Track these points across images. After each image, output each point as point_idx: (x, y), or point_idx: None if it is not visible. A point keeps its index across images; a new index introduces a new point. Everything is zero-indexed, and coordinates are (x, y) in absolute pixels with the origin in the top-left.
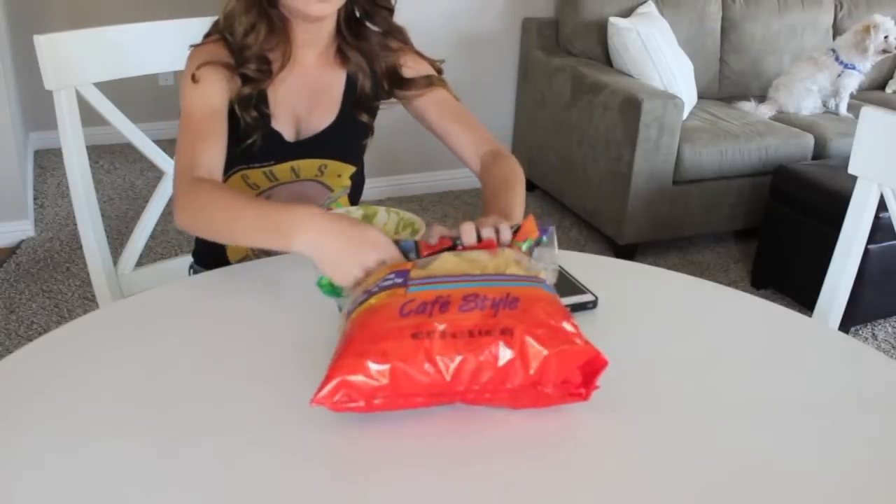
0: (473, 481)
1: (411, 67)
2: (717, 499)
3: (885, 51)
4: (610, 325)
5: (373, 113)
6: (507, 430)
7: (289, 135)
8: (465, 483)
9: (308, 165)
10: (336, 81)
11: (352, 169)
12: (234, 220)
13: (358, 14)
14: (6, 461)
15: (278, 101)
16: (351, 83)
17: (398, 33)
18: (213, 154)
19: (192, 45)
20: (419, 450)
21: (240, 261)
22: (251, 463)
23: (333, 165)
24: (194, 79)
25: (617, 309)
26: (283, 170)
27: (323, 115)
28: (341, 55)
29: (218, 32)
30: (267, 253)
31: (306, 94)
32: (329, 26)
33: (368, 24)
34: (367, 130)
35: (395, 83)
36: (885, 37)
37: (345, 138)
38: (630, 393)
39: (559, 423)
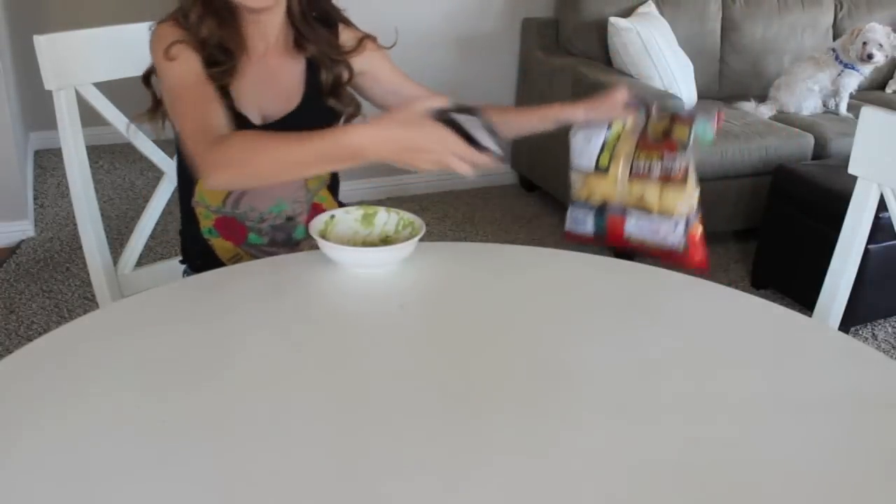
0: (473, 481)
1: (348, 38)
2: (717, 499)
3: (870, 56)
4: (610, 325)
5: (340, 97)
6: (507, 430)
7: (255, 119)
8: (465, 483)
9: None
10: (295, 69)
11: None
12: (286, 160)
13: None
14: (6, 461)
15: (239, 92)
16: (312, 68)
17: (335, 12)
18: (220, 114)
19: (151, 26)
20: (419, 450)
21: (231, 259)
22: (251, 463)
23: None
24: (169, 56)
25: (617, 309)
26: None
27: (285, 102)
28: (298, 44)
29: (175, 19)
30: (261, 253)
31: (265, 82)
32: (278, 16)
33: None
34: (336, 116)
35: (334, 52)
36: (864, 43)
37: (310, 124)
38: (630, 393)
39: (559, 423)
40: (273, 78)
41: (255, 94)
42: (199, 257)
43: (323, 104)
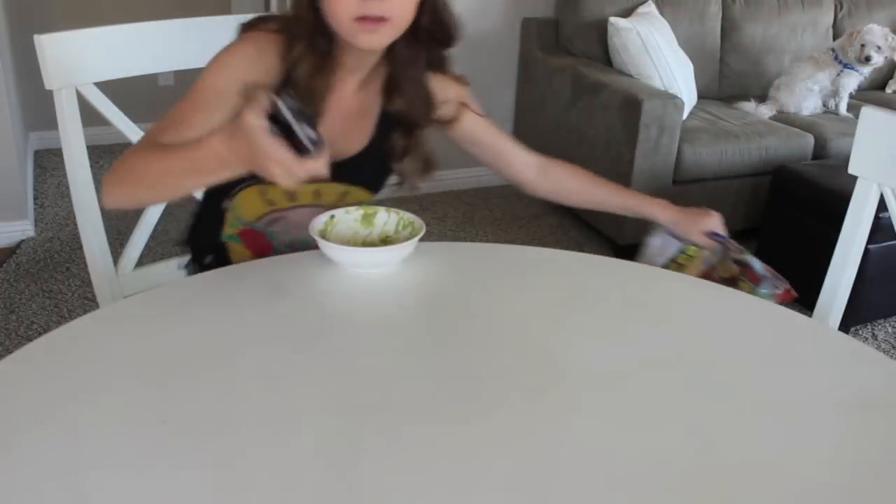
0: (473, 481)
1: (442, 90)
2: (717, 499)
3: (868, 58)
4: (610, 325)
5: (409, 135)
6: (507, 429)
7: None
8: (465, 482)
9: (331, 189)
10: (373, 108)
11: (371, 195)
12: (171, 170)
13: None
14: (6, 461)
15: None
16: (390, 118)
17: (457, 82)
18: (190, 135)
19: (248, 20)
20: (419, 449)
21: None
22: (251, 463)
23: (356, 193)
24: (242, 39)
25: (617, 309)
26: (305, 191)
27: (354, 142)
28: (388, 89)
29: (279, 34)
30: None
31: (340, 118)
32: (377, 54)
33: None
34: (398, 156)
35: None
36: (862, 45)
37: (373, 167)
38: (630, 393)
39: (559, 422)
40: (349, 114)
41: (326, 129)
42: (210, 256)
43: (389, 147)
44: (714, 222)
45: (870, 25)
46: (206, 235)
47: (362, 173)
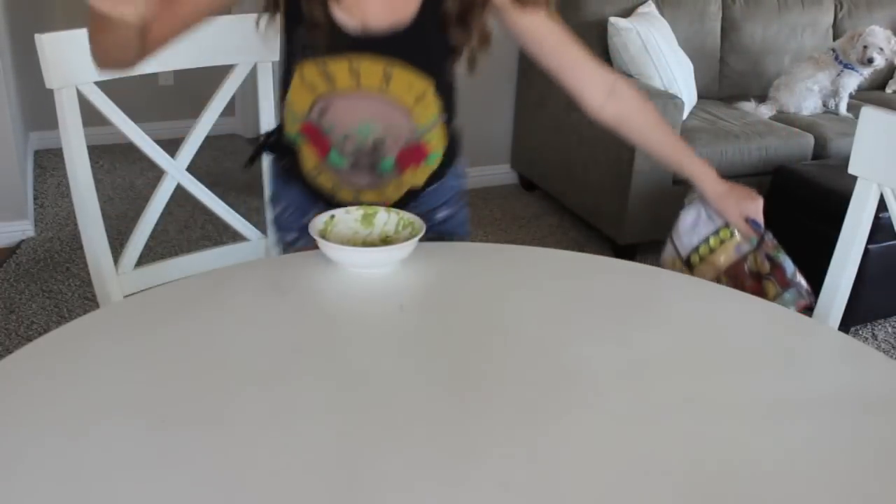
0: (473, 481)
1: None
2: (717, 499)
3: (870, 60)
4: (610, 326)
5: (467, 27)
6: (507, 429)
7: (353, 29)
8: (465, 482)
9: (370, 68)
10: None
11: (426, 85)
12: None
13: None
14: (6, 461)
15: None
16: None
17: None
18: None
19: None
20: (419, 449)
21: (312, 170)
22: (251, 463)
23: (401, 74)
24: None
25: (617, 309)
26: (340, 68)
27: (398, 10)
28: None
29: None
30: (342, 178)
31: None
32: None
33: None
34: (451, 48)
35: None
36: (864, 47)
37: (419, 43)
38: (630, 393)
39: (559, 422)
40: None
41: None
42: (287, 156)
43: (439, 27)
44: (757, 208)
45: (871, 27)
46: (285, 133)
47: (406, 48)
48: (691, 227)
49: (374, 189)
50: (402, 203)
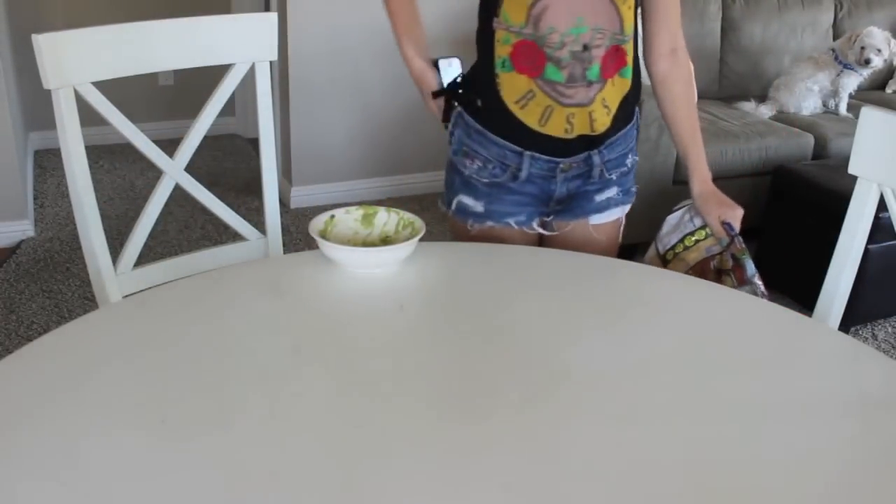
0: (473, 480)
1: None
2: (717, 498)
3: (867, 62)
4: (610, 326)
5: None
6: (507, 429)
7: None
8: (465, 482)
9: None
10: None
11: None
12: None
13: None
14: (6, 461)
15: None
16: None
17: None
18: None
19: None
20: (419, 449)
21: (519, 101)
22: (250, 462)
23: None
24: None
25: (617, 309)
26: None
27: None
28: None
29: None
30: (554, 95)
31: None
32: None
33: None
34: None
35: None
36: (862, 48)
37: None
38: (630, 393)
39: (559, 422)
40: None
41: None
42: (481, 94)
43: None
44: (735, 216)
45: (869, 28)
46: (479, 71)
47: None
48: (673, 229)
49: (584, 107)
50: (603, 140)
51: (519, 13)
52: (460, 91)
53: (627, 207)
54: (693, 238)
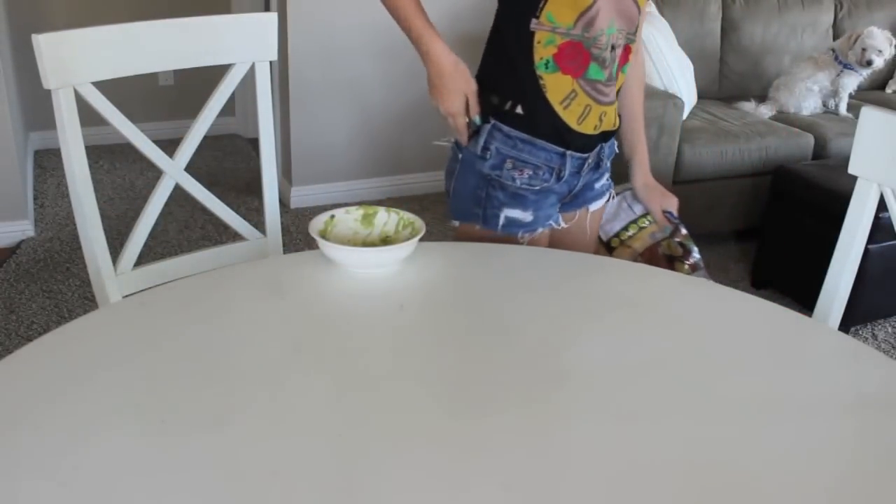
0: (473, 480)
1: None
2: (716, 498)
3: (869, 62)
4: (610, 325)
5: None
6: (507, 429)
7: None
8: (465, 482)
9: None
10: None
11: None
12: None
13: None
14: (6, 461)
15: None
16: None
17: None
18: None
19: None
20: (419, 449)
21: (563, 101)
22: (251, 462)
23: None
24: None
25: (617, 309)
26: None
27: None
28: None
29: None
30: (593, 94)
31: None
32: None
33: None
34: None
35: None
36: (863, 49)
37: None
38: (630, 393)
39: (559, 422)
40: None
41: None
42: (522, 99)
43: None
44: (673, 204)
45: (870, 28)
46: (516, 76)
47: None
48: (613, 216)
49: (611, 105)
50: (608, 136)
51: (567, 15)
52: (494, 102)
53: (612, 190)
54: (636, 225)
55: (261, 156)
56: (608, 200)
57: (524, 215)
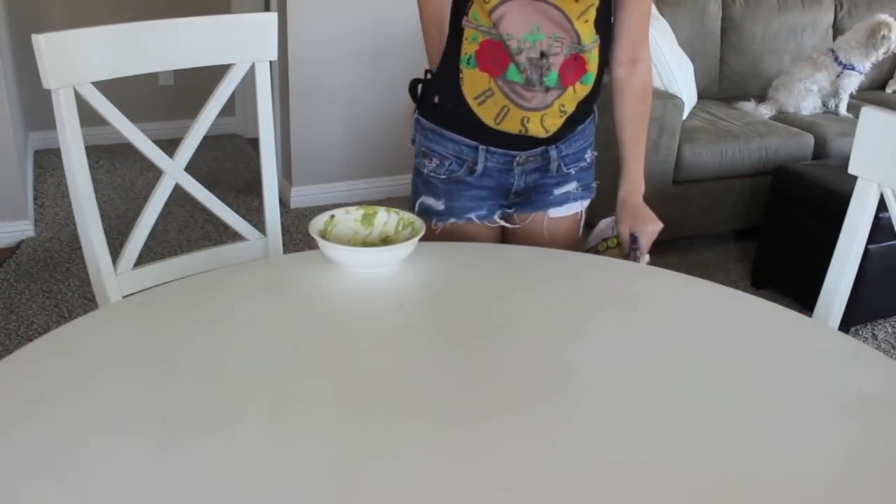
0: (474, 480)
1: None
2: (717, 498)
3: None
4: (611, 325)
5: None
6: (508, 429)
7: None
8: (466, 482)
9: None
10: None
11: (591, 1)
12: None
13: None
14: (7, 461)
15: None
16: None
17: None
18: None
19: None
20: (419, 449)
21: (477, 97)
22: (251, 462)
23: None
24: None
25: (617, 308)
26: None
27: None
28: None
29: None
30: (512, 96)
31: None
32: None
33: None
34: None
35: None
36: (886, 40)
37: None
38: (630, 393)
39: (559, 422)
40: None
41: None
42: (440, 91)
43: None
44: (645, 231)
45: (886, 19)
46: (444, 68)
47: None
48: (601, 233)
49: (538, 111)
50: (559, 137)
51: (482, 15)
52: (419, 90)
53: (587, 202)
54: (605, 244)
55: (261, 156)
56: (581, 212)
57: (436, 203)
